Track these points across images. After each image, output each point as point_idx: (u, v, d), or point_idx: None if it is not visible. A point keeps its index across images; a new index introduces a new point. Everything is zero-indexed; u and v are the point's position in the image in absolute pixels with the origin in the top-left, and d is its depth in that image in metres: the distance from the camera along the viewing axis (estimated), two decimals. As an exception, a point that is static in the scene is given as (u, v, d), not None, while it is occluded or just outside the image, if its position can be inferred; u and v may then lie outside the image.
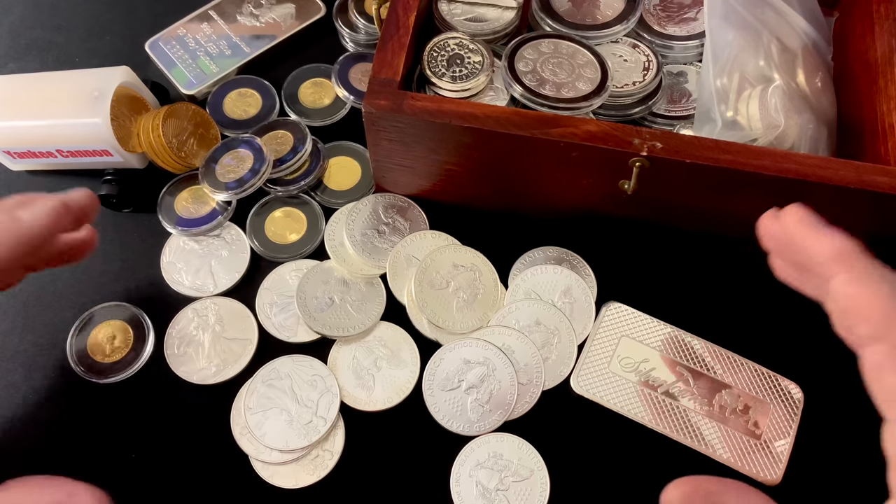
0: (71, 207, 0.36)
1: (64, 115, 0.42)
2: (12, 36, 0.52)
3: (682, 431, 0.39)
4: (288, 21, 0.52)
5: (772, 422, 0.39)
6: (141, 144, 0.44)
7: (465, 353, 0.41)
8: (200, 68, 0.49)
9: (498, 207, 0.45)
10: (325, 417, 0.39)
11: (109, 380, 0.41)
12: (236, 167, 0.45)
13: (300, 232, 0.45)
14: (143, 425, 0.40)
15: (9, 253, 0.33)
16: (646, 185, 0.38)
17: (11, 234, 0.34)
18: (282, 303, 0.43)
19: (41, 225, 0.34)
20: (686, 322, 0.42)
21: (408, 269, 0.43)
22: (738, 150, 0.36)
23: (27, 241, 0.34)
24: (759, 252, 0.33)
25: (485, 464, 0.39)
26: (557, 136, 0.36)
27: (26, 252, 0.34)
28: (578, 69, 0.43)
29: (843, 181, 0.36)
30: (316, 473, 0.39)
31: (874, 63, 0.42)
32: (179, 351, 0.42)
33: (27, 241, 0.34)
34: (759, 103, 0.41)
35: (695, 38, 0.46)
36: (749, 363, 0.40)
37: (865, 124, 0.41)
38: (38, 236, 0.34)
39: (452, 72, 0.42)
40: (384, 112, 0.37)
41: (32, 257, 0.35)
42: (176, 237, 0.45)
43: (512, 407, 0.40)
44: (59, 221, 0.35)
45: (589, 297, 0.43)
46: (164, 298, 0.43)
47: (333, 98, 0.49)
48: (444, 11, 0.45)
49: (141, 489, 0.39)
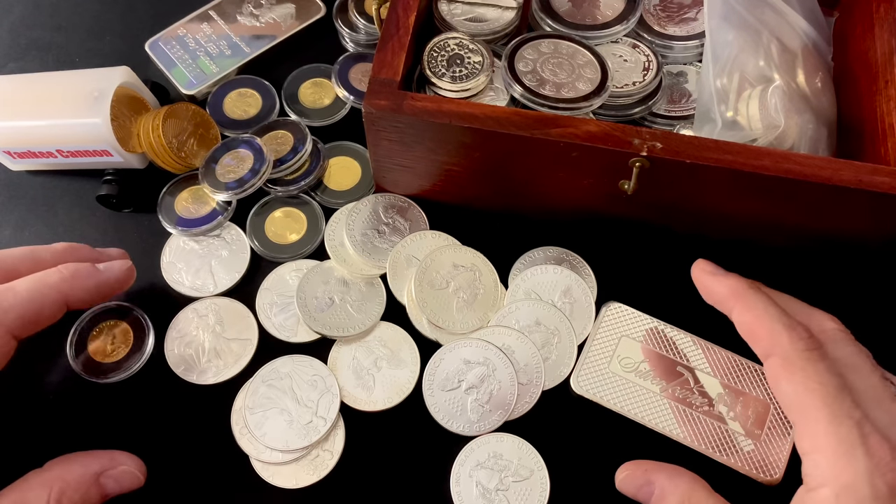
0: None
1: (64, 116, 0.42)
2: (12, 36, 0.52)
3: (681, 431, 0.39)
4: (288, 21, 0.52)
5: (772, 422, 0.39)
6: (141, 144, 0.44)
7: (465, 354, 0.41)
8: (200, 68, 0.49)
9: (498, 207, 0.45)
10: (326, 417, 0.39)
11: (109, 380, 0.41)
12: (236, 167, 0.45)
13: (300, 232, 0.45)
14: (143, 425, 0.40)
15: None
16: (646, 185, 0.38)
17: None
18: (282, 303, 0.43)
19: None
20: (686, 322, 0.42)
21: (408, 270, 0.43)
22: (738, 150, 0.36)
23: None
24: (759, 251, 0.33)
25: (485, 464, 0.39)
26: (557, 136, 0.36)
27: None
28: (578, 69, 0.43)
29: (843, 181, 0.36)
30: (316, 473, 0.39)
31: (874, 63, 0.42)
32: (179, 351, 0.42)
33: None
34: (759, 103, 0.41)
35: (695, 38, 0.46)
36: (749, 363, 0.40)
37: (865, 124, 0.41)
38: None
39: (452, 72, 0.42)
40: (384, 112, 0.37)
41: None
42: (176, 237, 0.45)
43: (512, 407, 0.40)
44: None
45: (589, 297, 0.43)
46: (164, 298, 0.43)
47: (333, 98, 0.49)
48: (444, 11, 0.45)
49: (141, 489, 0.38)
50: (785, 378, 0.32)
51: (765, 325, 0.34)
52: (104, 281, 0.37)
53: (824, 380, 0.31)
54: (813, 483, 0.30)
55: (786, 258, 0.44)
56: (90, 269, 0.37)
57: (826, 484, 0.30)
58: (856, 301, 0.44)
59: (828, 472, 0.30)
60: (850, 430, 0.30)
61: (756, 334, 0.34)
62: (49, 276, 0.35)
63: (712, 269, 0.37)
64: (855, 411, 0.30)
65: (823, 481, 0.30)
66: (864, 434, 0.29)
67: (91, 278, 0.37)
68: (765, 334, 0.33)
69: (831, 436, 0.30)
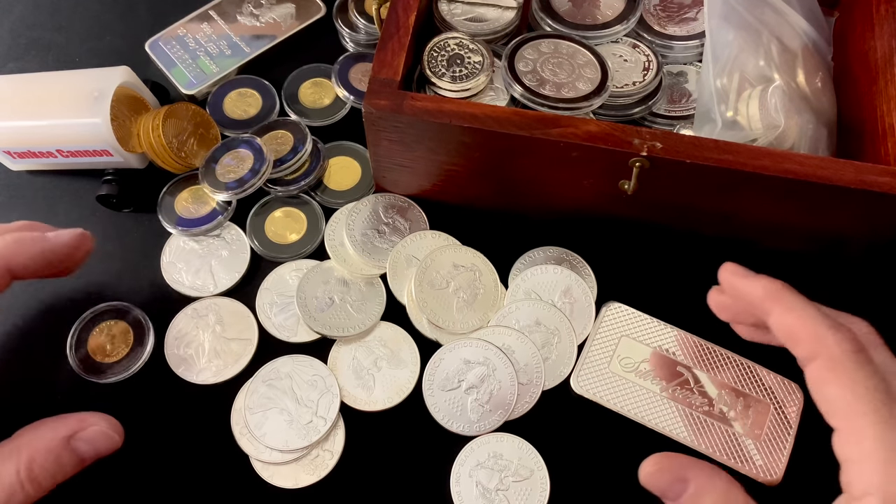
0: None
1: (64, 116, 0.42)
2: (12, 36, 0.52)
3: (682, 431, 0.39)
4: (288, 21, 0.52)
5: (772, 422, 0.39)
6: (141, 144, 0.44)
7: (465, 353, 0.41)
8: (200, 68, 0.49)
9: (498, 207, 0.45)
10: (326, 417, 0.39)
11: (109, 380, 0.41)
12: (236, 167, 0.45)
13: (300, 232, 0.45)
14: (144, 425, 0.40)
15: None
16: (646, 185, 0.38)
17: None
18: (282, 303, 0.43)
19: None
20: (686, 322, 0.42)
21: (408, 269, 0.43)
22: (738, 150, 0.36)
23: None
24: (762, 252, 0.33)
25: (485, 464, 0.39)
26: (557, 136, 0.36)
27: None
28: (578, 69, 0.43)
29: (843, 181, 0.36)
30: (316, 473, 0.39)
31: (874, 63, 0.41)
32: (179, 351, 0.42)
33: None
34: (759, 103, 0.41)
35: (695, 38, 0.46)
36: (749, 363, 0.40)
37: (865, 124, 0.41)
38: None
39: (452, 72, 0.42)
40: (384, 112, 0.37)
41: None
42: (176, 237, 0.45)
43: (512, 407, 0.40)
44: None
45: (589, 297, 0.43)
46: (164, 298, 0.43)
47: (333, 98, 0.49)
48: (444, 11, 0.45)
49: (141, 489, 0.39)
50: (833, 381, 0.30)
51: (808, 327, 0.31)
52: (50, 248, 0.36)
53: (872, 384, 0.29)
54: (857, 491, 0.29)
55: (786, 259, 0.44)
56: (36, 236, 0.36)
57: (872, 492, 0.28)
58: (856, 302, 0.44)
59: (875, 479, 0.28)
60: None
61: (798, 336, 0.32)
62: None
63: (743, 272, 0.35)
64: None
65: (869, 489, 0.28)
66: None
67: (35, 245, 0.35)
68: (808, 336, 0.31)
69: (879, 442, 0.28)
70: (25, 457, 0.32)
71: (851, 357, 0.30)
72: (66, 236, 0.37)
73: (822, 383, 0.31)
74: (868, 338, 0.33)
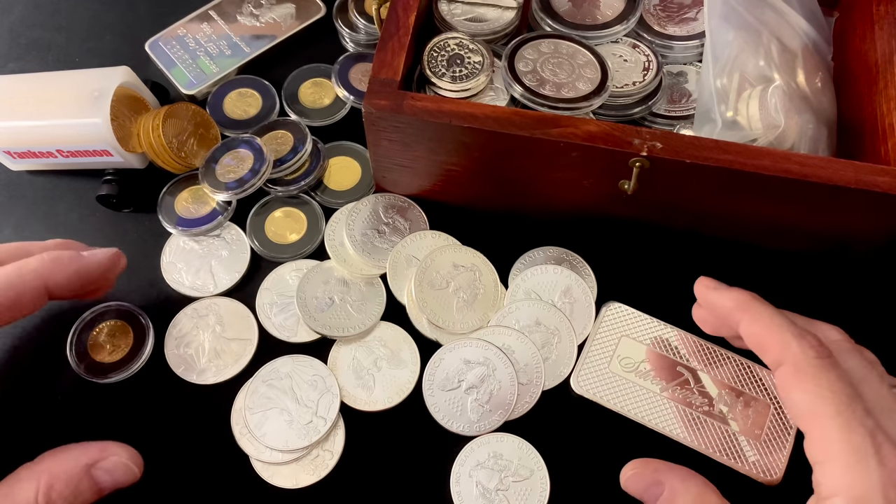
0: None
1: (64, 115, 0.42)
2: (12, 36, 0.52)
3: (681, 431, 0.39)
4: (288, 21, 0.52)
5: (772, 422, 0.39)
6: (141, 144, 0.44)
7: (465, 353, 0.41)
8: (200, 68, 0.49)
9: (498, 207, 0.45)
10: (326, 417, 0.39)
11: (109, 380, 0.41)
12: (236, 167, 0.45)
13: (300, 232, 0.45)
14: (143, 425, 0.40)
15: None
16: (646, 185, 0.38)
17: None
18: (282, 303, 0.43)
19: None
20: (686, 322, 0.42)
21: (408, 269, 0.43)
22: (738, 150, 0.36)
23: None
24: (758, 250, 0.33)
25: (485, 464, 0.39)
26: (557, 136, 0.36)
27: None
28: (578, 69, 0.43)
29: (843, 181, 0.36)
30: (316, 473, 0.39)
31: (874, 63, 0.41)
32: (179, 351, 0.42)
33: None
34: (759, 103, 0.41)
35: (695, 38, 0.46)
36: (749, 363, 0.40)
37: (865, 124, 0.41)
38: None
39: (452, 72, 0.42)
40: (384, 112, 0.37)
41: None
42: (176, 237, 0.45)
43: (512, 407, 0.40)
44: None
45: (589, 297, 0.43)
46: (164, 298, 0.43)
47: (333, 98, 0.49)
48: (444, 11, 0.45)
49: (141, 489, 0.38)
50: (796, 386, 0.31)
51: (774, 335, 0.33)
52: (85, 266, 0.37)
53: (836, 388, 0.30)
54: (825, 492, 0.30)
55: (786, 260, 0.44)
56: (72, 255, 0.36)
57: (838, 493, 0.29)
58: (856, 302, 0.44)
59: (840, 481, 0.29)
60: (863, 440, 0.29)
61: (765, 344, 0.33)
62: (29, 262, 0.35)
63: (715, 285, 0.37)
64: (867, 420, 0.30)
65: (835, 491, 0.29)
66: (877, 443, 0.29)
67: (72, 263, 0.36)
68: (774, 344, 0.33)
69: (844, 444, 0.29)
70: (45, 481, 0.32)
71: (814, 363, 0.31)
72: (101, 255, 0.38)
73: (788, 388, 0.32)
74: (838, 344, 0.35)
